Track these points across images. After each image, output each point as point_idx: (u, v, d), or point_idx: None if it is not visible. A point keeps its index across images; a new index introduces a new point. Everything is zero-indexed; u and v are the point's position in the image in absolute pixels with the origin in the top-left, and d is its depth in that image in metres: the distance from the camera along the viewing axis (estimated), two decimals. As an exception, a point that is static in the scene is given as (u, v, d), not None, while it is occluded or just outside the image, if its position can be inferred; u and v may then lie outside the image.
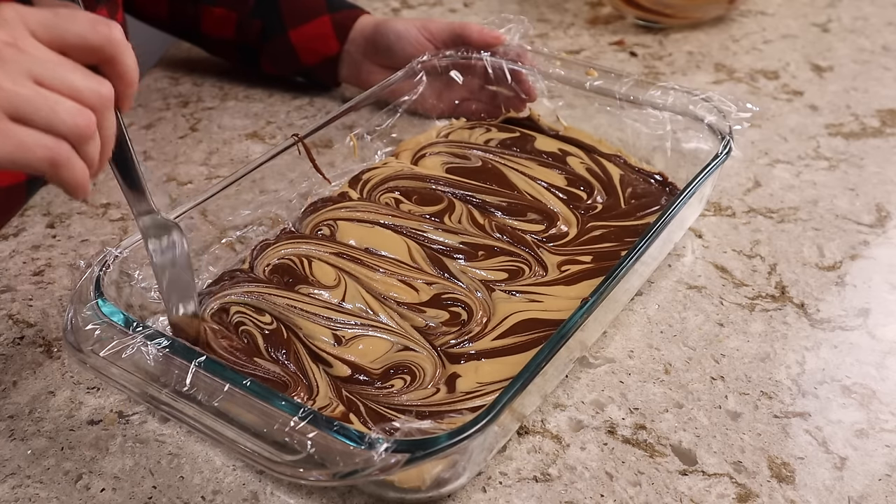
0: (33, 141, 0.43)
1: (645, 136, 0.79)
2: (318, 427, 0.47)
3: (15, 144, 0.42)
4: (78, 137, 0.44)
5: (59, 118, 0.43)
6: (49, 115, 0.43)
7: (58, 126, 0.43)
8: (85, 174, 0.45)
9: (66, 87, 0.43)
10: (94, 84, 0.44)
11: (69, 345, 0.54)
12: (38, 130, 0.43)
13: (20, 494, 0.54)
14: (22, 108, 0.42)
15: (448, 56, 0.85)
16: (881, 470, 0.56)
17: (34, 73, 0.43)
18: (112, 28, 0.45)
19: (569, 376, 0.61)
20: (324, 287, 0.65)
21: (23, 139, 0.42)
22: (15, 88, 0.42)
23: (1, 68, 0.42)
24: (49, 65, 0.43)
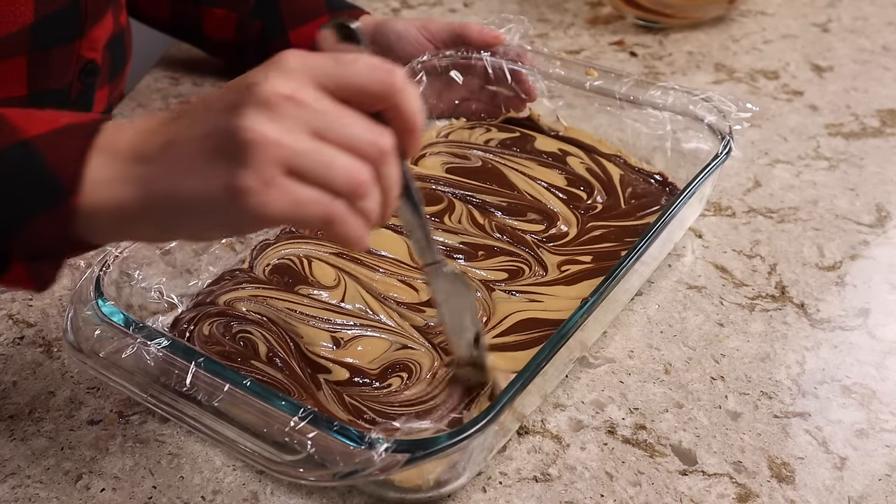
0: (309, 198, 0.41)
1: (645, 136, 0.79)
2: (318, 427, 0.47)
3: (291, 201, 0.41)
4: (353, 195, 0.42)
5: (336, 175, 0.41)
6: (325, 173, 0.41)
7: (334, 183, 0.41)
8: (360, 230, 0.43)
9: (345, 141, 0.42)
10: (373, 136, 0.42)
11: (69, 345, 0.54)
12: (313, 187, 0.41)
13: (20, 494, 0.54)
14: (300, 165, 0.41)
15: (448, 56, 0.85)
16: (881, 470, 0.56)
17: (313, 126, 0.41)
18: (393, 74, 0.43)
19: (569, 376, 0.61)
20: (323, 287, 0.65)
21: (299, 196, 0.41)
22: (293, 144, 0.40)
23: (281, 123, 0.40)
24: (328, 117, 0.41)
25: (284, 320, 0.62)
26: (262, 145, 0.40)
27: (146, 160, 0.43)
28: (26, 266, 0.44)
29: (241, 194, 0.40)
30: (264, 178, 0.40)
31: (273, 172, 0.40)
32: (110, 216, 0.43)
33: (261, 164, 0.40)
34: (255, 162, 0.40)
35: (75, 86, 0.75)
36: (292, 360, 0.59)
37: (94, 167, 0.43)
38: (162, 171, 0.42)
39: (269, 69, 0.42)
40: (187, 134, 0.42)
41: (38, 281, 0.45)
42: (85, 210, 0.43)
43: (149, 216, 0.43)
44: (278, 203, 0.41)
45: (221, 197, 0.41)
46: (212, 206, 0.42)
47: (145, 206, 0.43)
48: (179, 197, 0.42)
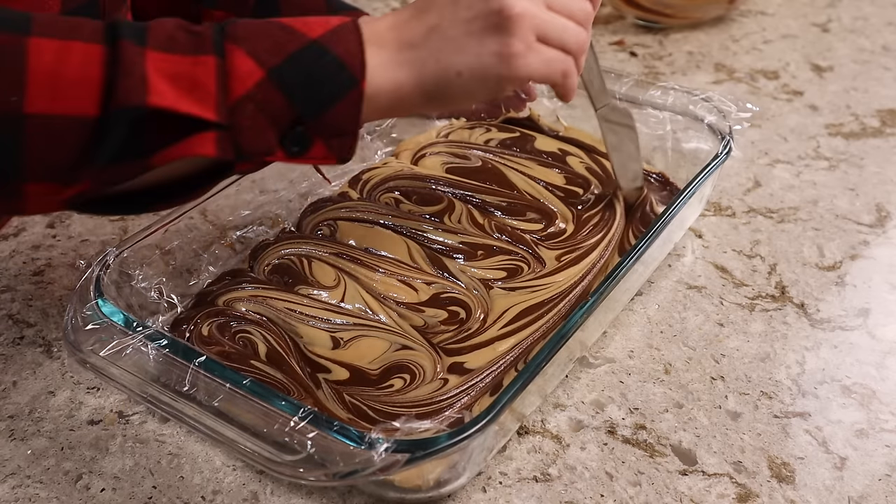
0: (555, 57, 0.52)
1: (645, 136, 0.79)
2: (318, 427, 0.47)
3: (544, 60, 0.51)
4: (578, 52, 0.53)
5: (568, 37, 0.52)
6: (562, 35, 0.52)
7: (567, 44, 0.52)
8: (576, 81, 0.55)
9: (567, 10, 0.53)
10: (583, 5, 0.54)
11: (69, 345, 0.54)
12: (555, 48, 0.52)
13: (20, 494, 0.54)
14: (545, 31, 0.51)
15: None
16: (881, 470, 0.56)
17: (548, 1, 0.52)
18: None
19: (569, 376, 0.61)
20: (323, 287, 0.65)
21: (549, 56, 0.52)
22: (542, 14, 0.51)
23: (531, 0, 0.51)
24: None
25: (284, 320, 0.62)
26: (522, 17, 0.50)
27: (412, 46, 0.51)
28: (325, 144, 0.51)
29: (511, 58, 0.50)
30: (527, 42, 0.50)
31: (531, 38, 0.50)
32: (390, 95, 0.51)
33: (523, 32, 0.50)
34: (519, 31, 0.50)
35: None
36: (292, 359, 0.59)
37: (370, 56, 0.50)
38: (432, 52, 0.50)
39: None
40: (451, 18, 0.50)
41: (340, 154, 0.51)
42: (370, 92, 0.50)
43: (422, 90, 0.51)
44: (536, 63, 0.51)
45: (494, 63, 0.50)
46: (483, 73, 0.50)
47: (419, 84, 0.51)
48: (453, 71, 0.50)
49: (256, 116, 0.47)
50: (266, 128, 0.48)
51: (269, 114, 0.48)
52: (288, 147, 0.49)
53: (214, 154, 0.47)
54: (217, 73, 0.47)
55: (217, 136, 0.47)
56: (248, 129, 0.47)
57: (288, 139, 0.49)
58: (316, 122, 0.49)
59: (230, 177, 0.53)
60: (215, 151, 0.47)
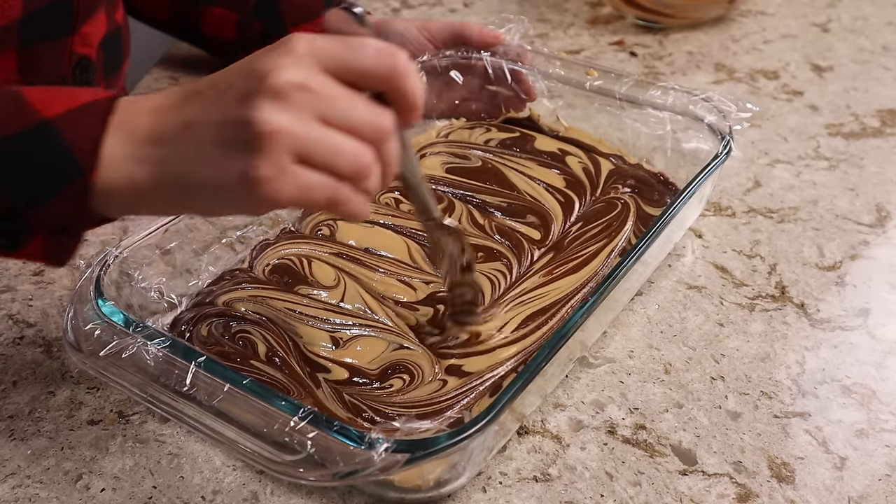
0: (317, 183, 0.43)
1: (645, 136, 0.79)
2: (318, 427, 0.47)
3: (301, 187, 0.43)
4: (356, 177, 0.44)
5: (340, 161, 0.44)
6: (333, 158, 0.43)
7: (338, 168, 0.44)
8: (363, 206, 0.46)
9: (350, 125, 0.44)
10: (376, 118, 0.44)
11: (69, 345, 0.54)
12: (320, 172, 0.43)
13: (20, 494, 0.54)
14: (308, 151, 0.43)
15: (448, 56, 0.85)
16: (881, 470, 0.56)
17: (321, 113, 0.43)
18: (398, 57, 0.45)
19: (569, 376, 0.61)
20: (323, 287, 0.65)
21: (308, 182, 0.43)
22: (304, 132, 0.42)
23: (291, 112, 0.42)
24: (335, 102, 0.43)
25: (284, 320, 0.62)
26: (276, 136, 0.42)
27: (161, 142, 0.44)
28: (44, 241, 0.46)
29: (256, 183, 0.42)
30: (278, 166, 0.42)
31: (285, 161, 0.42)
32: (125, 193, 0.45)
33: (275, 153, 0.42)
34: (270, 152, 0.42)
35: (69, 82, 0.75)
36: (291, 359, 0.59)
37: (109, 146, 0.44)
38: (176, 154, 0.44)
39: (279, 55, 0.43)
40: (202, 119, 0.44)
41: (58, 256, 0.47)
42: (101, 187, 0.45)
43: (162, 195, 0.45)
44: (289, 189, 0.43)
45: (236, 184, 0.43)
46: (225, 191, 0.43)
47: (159, 186, 0.44)
48: (193, 180, 0.44)
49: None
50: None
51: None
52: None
53: None
54: None
55: None
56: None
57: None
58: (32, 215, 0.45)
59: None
60: None
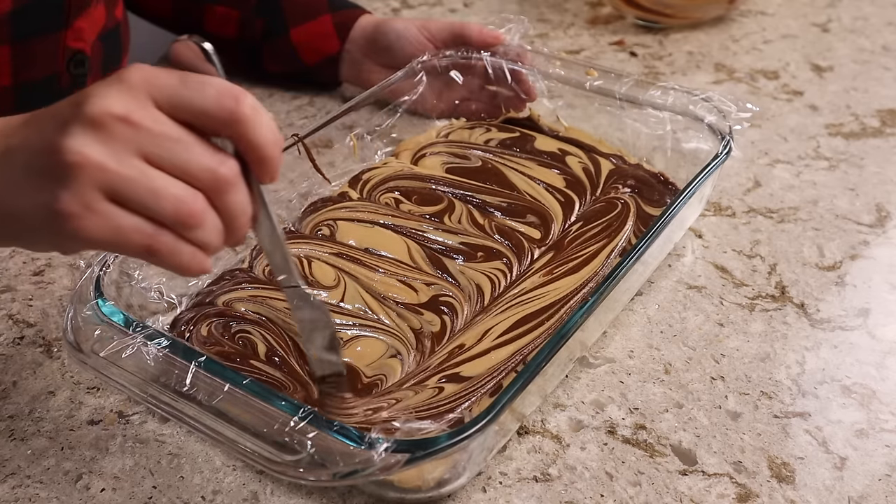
0: (130, 226, 0.40)
1: (645, 136, 0.79)
2: (318, 427, 0.47)
3: (111, 228, 0.40)
4: (181, 226, 0.40)
5: (160, 205, 0.40)
6: (151, 201, 0.40)
7: (158, 213, 0.40)
8: (193, 258, 0.42)
9: (179, 168, 0.40)
10: (212, 164, 0.40)
11: (69, 345, 0.54)
12: (137, 215, 0.40)
13: (20, 494, 0.54)
14: (123, 191, 0.39)
15: (448, 56, 0.85)
16: (881, 470, 0.56)
17: (144, 150, 0.39)
18: (240, 102, 0.40)
19: (569, 376, 0.61)
20: (323, 287, 0.65)
21: (120, 224, 0.40)
22: (118, 169, 0.39)
23: (108, 145, 0.39)
24: (162, 142, 0.40)
25: (284, 320, 0.62)
26: (83, 168, 0.38)
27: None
28: None
29: (60, 217, 0.39)
30: (84, 202, 0.39)
31: (93, 197, 0.39)
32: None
33: (81, 187, 0.39)
34: (75, 185, 0.39)
35: (64, 76, 0.75)
36: (291, 359, 0.59)
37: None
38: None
39: (111, 83, 0.40)
40: (23, 145, 0.41)
41: None
42: None
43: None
44: (97, 229, 0.39)
45: (43, 217, 0.40)
46: (35, 224, 0.41)
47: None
48: (6, 210, 0.42)
49: None
50: None
51: None
52: None
53: None
54: None
55: None
56: None
57: None
58: None
59: None
60: None
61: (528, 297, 0.64)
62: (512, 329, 0.62)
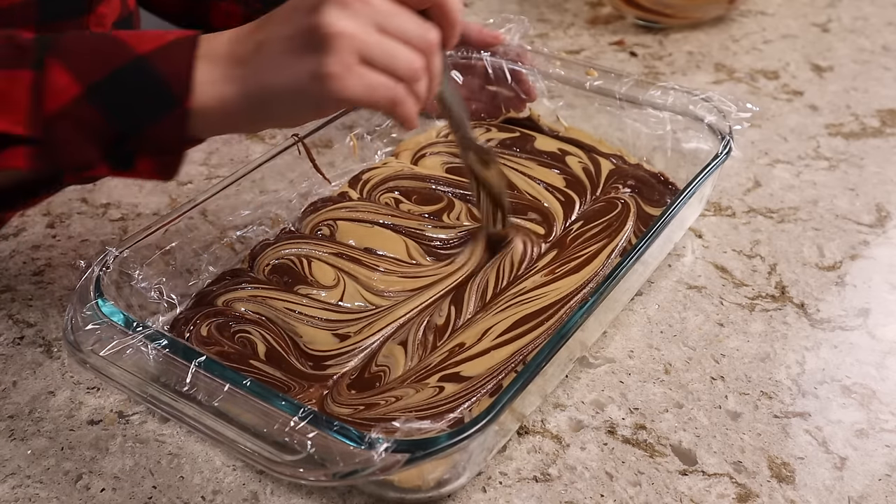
0: (379, 82, 0.49)
1: (645, 136, 0.79)
2: (318, 427, 0.47)
3: (365, 85, 0.48)
4: (411, 79, 0.50)
5: (398, 63, 0.49)
6: (391, 60, 0.49)
7: (397, 69, 0.49)
8: (415, 110, 0.51)
9: (402, 35, 0.49)
10: (423, 31, 0.50)
11: (69, 345, 0.54)
12: (381, 73, 0.49)
13: (20, 494, 0.54)
14: (370, 53, 0.48)
15: (448, 56, 0.85)
16: (881, 470, 0.56)
17: (377, 21, 0.48)
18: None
19: (569, 376, 0.61)
20: (323, 287, 0.65)
21: (371, 81, 0.48)
22: (365, 36, 0.48)
23: (354, 19, 0.47)
24: (388, 15, 0.49)
25: (283, 320, 0.62)
26: (341, 37, 0.47)
27: (242, 62, 0.50)
28: (153, 161, 0.51)
29: (327, 79, 0.47)
30: (345, 63, 0.47)
31: (351, 60, 0.48)
32: (216, 113, 0.50)
33: (341, 52, 0.47)
34: (337, 51, 0.47)
35: None
36: (292, 358, 0.59)
37: (200, 72, 0.50)
38: (256, 69, 0.49)
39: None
40: (275, 35, 0.49)
41: (166, 172, 0.52)
42: (196, 109, 0.49)
43: (248, 108, 0.50)
44: (356, 86, 0.48)
45: (309, 83, 0.48)
46: (301, 93, 0.49)
47: (245, 100, 0.50)
48: (272, 90, 0.49)
49: (74, 132, 0.48)
50: (85, 143, 0.49)
51: (89, 129, 0.48)
52: (112, 162, 0.50)
53: (27, 167, 0.48)
54: (31, 87, 0.48)
55: (30, 151, 0.48)
56: (64, 143, 0.48)
57: (112, 155, 0.50)
58: (139, 140, 0.50)
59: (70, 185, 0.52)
60: (28, 164, 0.48)
61: (528, 297, 0.64)
62: (512, 329, 0.62)
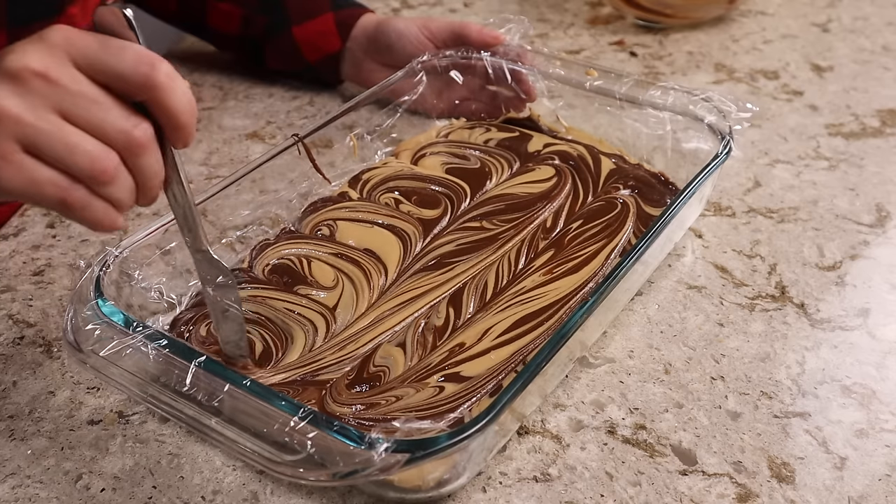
0: (45, 178, 0.42)
1: (645, 136, 0.79)
2: (318, 427, 0.47)
3: (27, 179, 0.42)
4: (94, 182, 0.42)
5: (74, 159, 0.42)
6: (64, 155, 0.41)
7: (72, 167, 0.42)
8: (105, 215, 0.44)
9: (95, 127, 0.42)
10: (126, 126, 0.43)
11: (69, 345, 0.54)
12: (53, 169, 0.42)
13: (20, 494, 0.54)
14: (40, 143, 0.41)
15: (448, 56, 0.85)
16: (881, 470, 0.56)
17: (62, 107, 0.41)
18: (156, 69, 0.42)
19: (569, 376, 0.61)
20: (322, 287, 0.65)
21: (34, 175, 0.42)
22: (35, 122, 0.41)
23: (26, 98, 0.41)
24: (79, 100, 0.42)
25: (283, 321, 0.62)
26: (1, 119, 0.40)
27: None
28: None
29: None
30: (1, 151, 0.41)
31: (10, 148, 0.41)
32: None
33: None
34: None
35: None
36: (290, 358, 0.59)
37: None
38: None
39: (32, 41, 0.42)
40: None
41: None
42: None
43: None
44: (13, 178, 0.41)
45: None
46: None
47: None
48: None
49: None
50: None
51: None
52: None
53: None
54: None
55: None
56: None
57: None
58: None
59: None
60: None
61: (528, 297, 0.64)
62: (512, 329, 0.62)
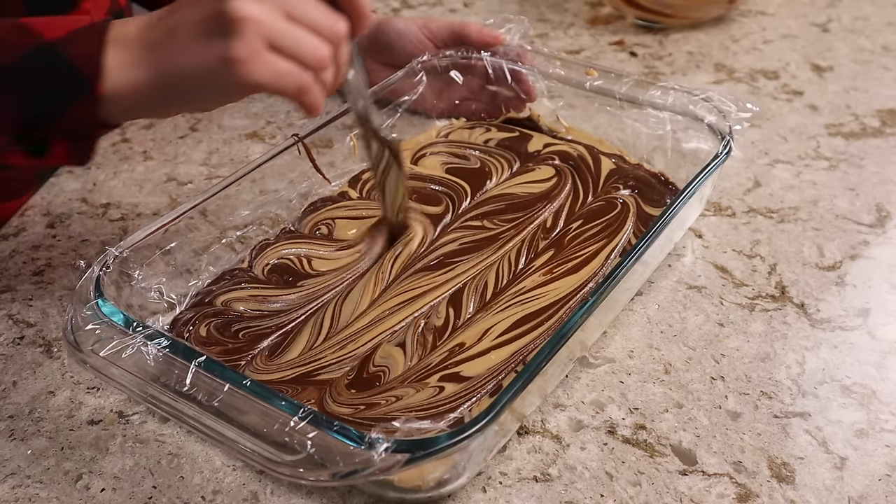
0: (286, 69, 0.50)
1: (645, 136, 0.79)
2: (318, 427, 0.47)
3: (272, 71, 0.49)
4: (318, 68, 0.51)
5: (305, 51, 0.50)
6: (298, 48, 0.50)
7: (304, 57, 0.50)
8: (321, 98, 0.52)
9: (310, 23, 0.51)
10: (331, 21, 0.51)
11: (69, 345, 0.54)
12: (288, 60, 0.50)
13: (20, 494, 0.54)
14: (277, 40, 0.49)
15: (448, 56, 0.85)
16: (881, 470, 0.56)
17: (285, 9, 0.50)
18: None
19: (569, 376, 0.61)
20: (347, 246, 0.66)
21: (278, 67, 0.50)
22: (272, 22, 0.49)
23: (261, 4, 0.49)
24: (296, 3, 0.50)
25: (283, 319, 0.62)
26: (248, 22, 0.48)
27: (152, 46, 0.51)
28: (67, 146, 0.52)
29: (234, 63, 0.48)
30: (252, 48, 0.48)
31: (258, 45, 0.49)
32: (127, 96, 0.51)
33: (248, 37, 0.48)
34: (244, 36, 0.48)
35: None
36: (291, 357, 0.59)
37: (110, 57, 0.51)
38: (166, 53, 0.50)
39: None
40: (185, 20, 0.50)
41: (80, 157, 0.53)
42: (107, 94, 0.51)
43: (159, 92, 0.51)
44: (262, 72, 0.49)
45: (217, 67, 0.49)
46: (209, 77, 0.50)
47: (156, 84, 0.51)
48: (181, 73, 0.50)
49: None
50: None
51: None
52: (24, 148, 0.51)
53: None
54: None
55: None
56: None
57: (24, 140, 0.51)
58: (51, 126, 0.51)
59: None
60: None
61: (528, 297, 0.64)
62: (512, 329, 0.62)
